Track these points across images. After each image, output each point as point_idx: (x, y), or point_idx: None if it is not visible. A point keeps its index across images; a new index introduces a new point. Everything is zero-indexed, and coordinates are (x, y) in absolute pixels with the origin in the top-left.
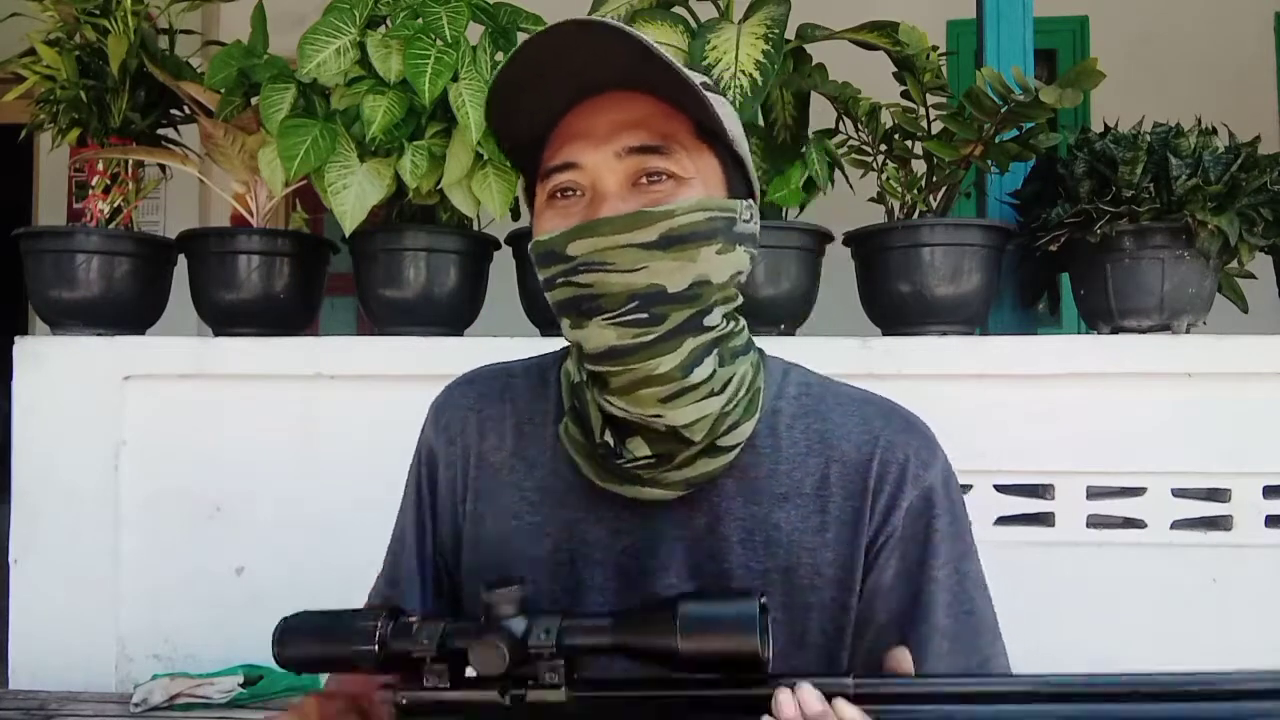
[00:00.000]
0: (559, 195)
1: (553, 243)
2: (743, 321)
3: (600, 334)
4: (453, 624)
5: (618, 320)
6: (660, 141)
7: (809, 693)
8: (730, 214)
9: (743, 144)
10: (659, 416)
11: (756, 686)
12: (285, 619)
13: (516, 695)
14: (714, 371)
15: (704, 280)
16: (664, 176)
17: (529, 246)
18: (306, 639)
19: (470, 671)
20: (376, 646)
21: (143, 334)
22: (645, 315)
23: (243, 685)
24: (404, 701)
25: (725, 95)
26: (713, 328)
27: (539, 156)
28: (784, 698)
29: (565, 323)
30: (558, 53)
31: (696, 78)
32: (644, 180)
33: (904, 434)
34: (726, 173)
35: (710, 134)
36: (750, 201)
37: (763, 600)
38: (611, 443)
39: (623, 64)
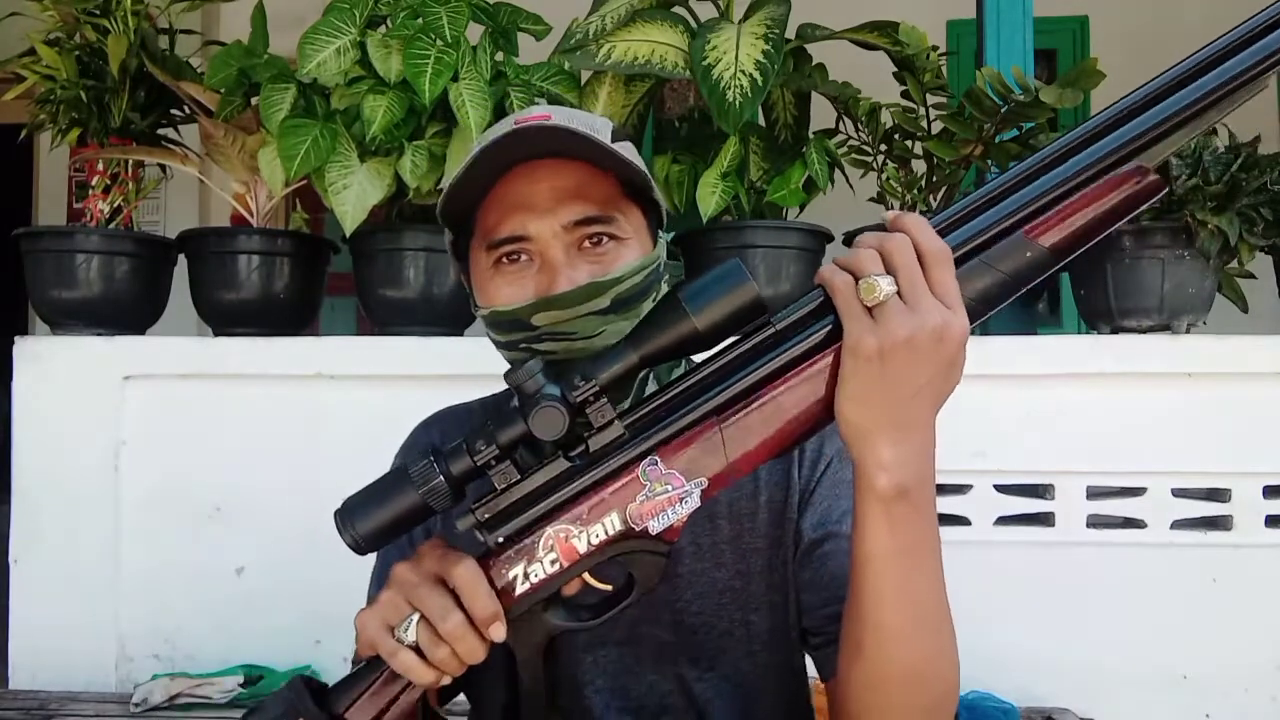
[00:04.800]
0: (505, 261)
1: (516, 313)
2: None
3: None
4: (494, 422)
5: None
6: (602, 211)
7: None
8: (659, 261)
9: (650, 181)
10: None
11: (765, 329)
12: (340, 506)
13: (579, 454)
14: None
15: None
16: (606, 239)
17: (480, 312)
18: (373, 509)
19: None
20: (442, 478)
21: (143, 334)
22: None
23: (243, 685)
24: (486, 517)
25: (628, 140)
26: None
27: (471, 216)
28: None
29: None
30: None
31: (604, 124)
32: (588, 244)
33: None
34: (648, 217)
35: (635, 188)
36: (660, 232)
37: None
38: None
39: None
